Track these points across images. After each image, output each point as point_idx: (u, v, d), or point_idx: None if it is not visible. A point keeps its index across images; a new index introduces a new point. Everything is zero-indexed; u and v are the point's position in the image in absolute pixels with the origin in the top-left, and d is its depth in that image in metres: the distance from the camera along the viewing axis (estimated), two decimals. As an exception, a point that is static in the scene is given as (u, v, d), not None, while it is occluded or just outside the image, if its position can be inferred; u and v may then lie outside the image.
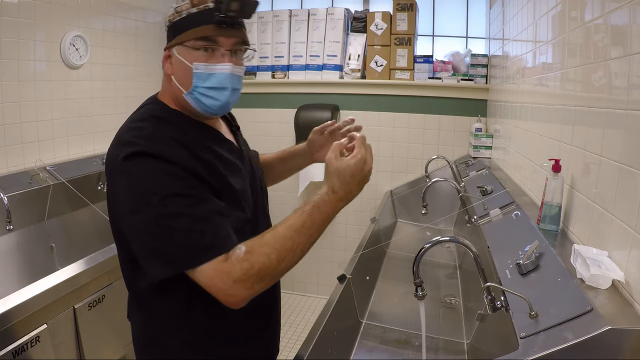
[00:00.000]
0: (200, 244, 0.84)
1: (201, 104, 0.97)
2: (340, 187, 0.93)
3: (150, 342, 1.05)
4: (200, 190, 0.89)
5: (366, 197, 3.30)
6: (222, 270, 0.83)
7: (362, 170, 0.94)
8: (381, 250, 2.30)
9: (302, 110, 3.20)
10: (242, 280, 0.83)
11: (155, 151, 0.87)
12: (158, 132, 0.92)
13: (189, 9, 0.94)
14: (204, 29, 0.93)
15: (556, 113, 1.48)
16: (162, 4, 3.18)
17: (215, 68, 0.95)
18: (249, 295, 0.86)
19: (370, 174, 0.97)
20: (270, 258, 0.85)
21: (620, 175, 0.98)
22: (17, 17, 2.15)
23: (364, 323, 1.70)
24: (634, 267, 0.89)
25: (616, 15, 1.03)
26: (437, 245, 1.26)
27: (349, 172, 0.93)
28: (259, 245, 0.87)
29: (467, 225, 1.99)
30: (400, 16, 3.04)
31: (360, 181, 0.95)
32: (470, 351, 1.50)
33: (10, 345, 1.43)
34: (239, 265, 0.83)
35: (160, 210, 0.84)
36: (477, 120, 2.94)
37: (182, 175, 0.87)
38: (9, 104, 2.17)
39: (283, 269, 0.88)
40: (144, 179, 0.86)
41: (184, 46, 0.94)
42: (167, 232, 0.84)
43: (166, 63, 0.99)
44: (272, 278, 0.88)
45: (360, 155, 0.94)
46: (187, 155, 0.90)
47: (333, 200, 0.92)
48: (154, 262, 0.87)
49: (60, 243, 2.26)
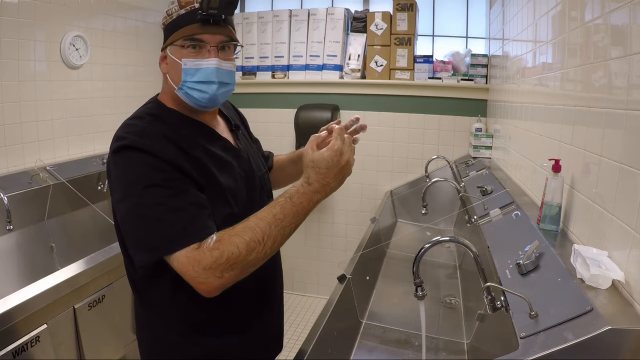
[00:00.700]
0: (174, 232, 0.88)
1: (191, 98, 1.03)
2: (316, 179, 0.94)
3: (145, 327, 1.11)
4: (181, 183, 0.93)
5: (366, 197, 3.30)
6: (194, 258, 0.87)
7: (337, 162, 0.94)
8: (381, 250, 2.30)
9: (302, 110, 3.20)
10: (212, 268, 0.87)
11: (140, 145, 0.92)
12: (149, 128, 0.97)
13: (178, 11, 1.00)
14: (190, 28, 0.99)
15: (556, 113, 1.48)
16: (162, 4, 3.16)
17: (202, 63, 1.01)
18: (221, 283, 0.88)
19: (349, 167, 0.96)
20: (240, 248, 0.88)
21: (620, 175, 0.98)
22: (17, 17, 2.15)
23: (364, 323, 1.70)
24: (634, 267, 0.89)
25: (616, 15, 1.03)
26: (437, 245, 1.25)
27: (324, 164, 0.93)
28: (229, 235, 0.90)
29: (467, 225, 1.99)
30: (400, 16, 3.04)
31: (337, 173, 0.95)
32: (470, 351, 1.50)
33: (10, 345, 1.43)
34: (209, 253, 0.87)
35: (140, 200, 0.90)
36: (477, 120, 2.94)
37: (164, 168, 0.92)
38: (9, 104, 2.17)
39: (253, 259, 0.89)
40: (128, 171, 0.93)
41: (174, 46, 1.01)
42: (145, 221, 0.90)
43: (162, 63, 1.06)
44: (242, 268, 0.89)
45: (336, 147, 0.94)
46: (174, 151, 0.95)
47: (308, 192, 0.93)
48: (137, 249, 0.92)
49: (60, 243, 2.26)
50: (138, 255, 0.92)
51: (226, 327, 1.09)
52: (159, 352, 1.09)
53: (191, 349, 1.06)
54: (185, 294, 1.00)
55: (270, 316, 1.22)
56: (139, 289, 1.08)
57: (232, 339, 1.10)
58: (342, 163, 0.95)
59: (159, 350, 1.09)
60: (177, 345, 1.06)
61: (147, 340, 1.13)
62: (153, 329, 1.10)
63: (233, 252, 0.87)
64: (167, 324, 1.06)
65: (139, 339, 1.16)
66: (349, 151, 0.96)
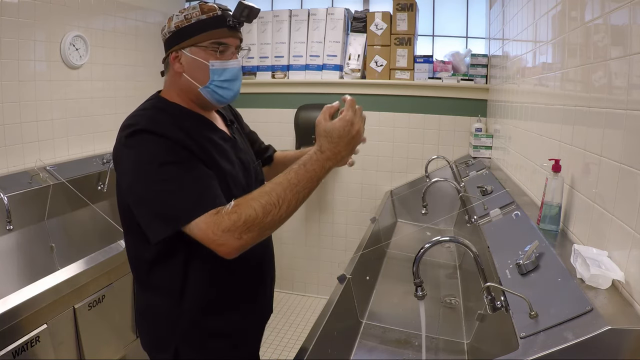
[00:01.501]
0: (192, 201, 0.96)
1: (216, 95, 1.13)
2: (328, 147, 1.00)
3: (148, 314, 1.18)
4: (191, 160, 1.02)
5: (366, 197, 3.30)
6: (213, 222, 0.94)
7: (349, 131, 1.00)
8: (381, 250, 2.30)
9: (302, 110, 3.20)
10: (231, 231, 0.93)
11: (153, 128, 1.01)
12: (157, 116, 1.06)
13: (199, 16, 1.09)
14: (218, 32, 1.10)
15: (556, 113, 1.49)
16: (162, 4, 3.18)
17: (229, 64, 1.13)
18: (240, 244, 0.95)
19: (359, 136, 1.02)
20: (257, 211, 0.94)
21: (620, 175, 0.98)
22: (17, 17, 2.15)
23: (364, 323, 1.70)
24: (634, 267, 0.89)
25: (616, 15, 1.03)
26: (437, 245, 1.26)
27: (336, 133, 0.99)
28: (247, 199, 0.97)
29: (467, 225, 1.99)
30: (400, 16, 3.04)
31: (348, 143, 1.01)
32: (470, 351, 1.50)
33: (10, 345, 1.43)
34: (227, 217, 0.94)
35: (156, 177, 0.98)
36: (477, 120, 2.94)
37: (175, 148, 1.01)
38: (9, 104, 2.17)
39: (269, 222, 0.96)
40: (143, 152, 1.00)
41: (198, 47, 1.10)
42: (164, 195, 0.97)
43: (176, 63, 1.12)
44: (260, 230, 0.95)
45: (348, 117, 1.00)
46: (183, 135, 1.03)
47: (320, 160, 1.00)
48: (155, 223, 0.98)
49: (60, 243, 2.26)
50: (157, 229, 0.98)
51: (231, 303, 1.18)
52: (164, 341, 1.15)
53: (196, 328, 1.13)
54: (198, 273, 1.10)
55: (264, 289, 1.31)
56: (147, 276, 1.13)
57: (233, 315, 1.19)
58: (352, 133, 1.00)
59: (165, 337, 1.15)
60: (182, 325, 1.12)
61: (153, 329, 1.18)
62: (161, 316, 1.15)
63: (250, 214, 0.94)
64: (175, 305, 1.12)
65: (140, 327, 1.22)
66: (359, 122, 1.02)
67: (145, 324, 1.20)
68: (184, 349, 1.13)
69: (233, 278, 1.17)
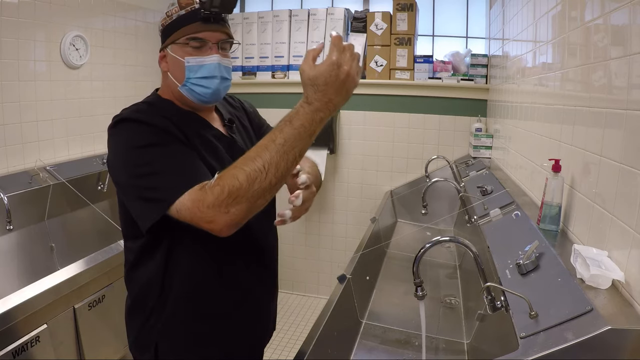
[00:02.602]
0: (174, 180, 0.91)
1: (194, 94, 1.07)
2: (315, 97, 0.88)
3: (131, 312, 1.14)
4: (175, 143, 0.97)
5: (366, 197, 3.30)
6: (197, 199, 0.88)
7: (337, 76, 0.86)
8: (381, 250, 2.30)
9: (302, 110, 3.20)
10: (216, 205, 0.86)
11: (136, 116, 0.99)
12: (143, 107, 1.05)
13: (178, 12, 1.05)
14: (192, 27, 1.04)
15: (556, 113, 1.48)
16: (162, 4, 3.17)
17: (205, 60, 1.05)
18: (230, 219, 0.87)
19: (351, 79, 0.88)
20: (240, 180, 0.86)
21: (620, 175, 0.98)
22: (17, 17, 2.15)
23: (364, 323, 1.70)
24: (634, 267, 0.89)
25: (616, 15, 1.03)
26: (437, 245, 1.26)
27: (321, 80, 0.86)
28: (229, 169, 0.89)
29: (467, 225, 1.99)
30: (400, 16, 3.04)
31: (338, 88, 0.87)
32: (470, 351, 1.50)
33: (10, 345, 1.43)
34: (210, 191, 0.87)
35: (138, 160, 0.95)
36: (477, 120, 2.93)
37: (154, 131, 0.97)
38: (9, 104, 2.17)
39: (257, 189, 0.86)
40: (126, 138, 0.98)
41: (176, 44, 1.06)
42: (146, 178, 0.93)
43: (162, 62, 1.10)
44: (248, 200, 0.86)
45: (333, 59, 0.86)
46: (168, 123, 0.99)
47: (308, 112, 0.88)
48: (144, 209, 0.94)
49: (60, 243, 2.26)
50: (146, 215, 0.93)
51: (219, 309, 1.12)
52: (145, 339, 1.11)
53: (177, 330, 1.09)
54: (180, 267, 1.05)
55: (262, 300, 1.22)
56: (135, 270, 1.10)
57: (220, 323, 1.13)
58: (341, 77, 0.87)
59: (145, 334, 1.11)
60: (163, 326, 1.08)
61: (134, 326, 1.14)
62: (141, 312, 1.11)
63: (234, 184, 0.86)
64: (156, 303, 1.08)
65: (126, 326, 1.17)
66: (349, 61, 0.88)
67: (130, 322, 1.16)
68: (163, 350, 1.09)
69: (221, 281, 1.10)
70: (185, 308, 1.09)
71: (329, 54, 0.88)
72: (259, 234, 1.16)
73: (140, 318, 1.12)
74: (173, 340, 1.10)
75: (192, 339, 1.11)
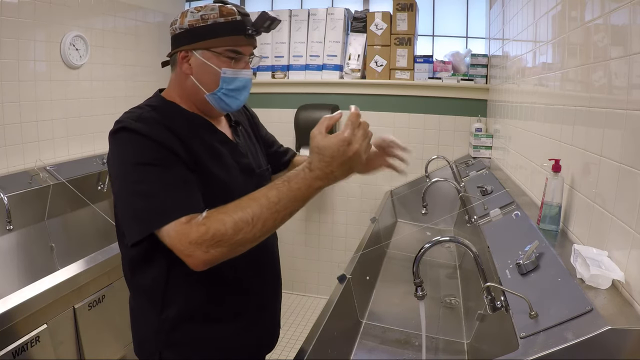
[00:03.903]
0: (163, 206, 0.90)
1: (222, 103, 1.08)
2: (319, 166, 0.87)
3: (134, 316, 1.14)
4: (170, 161, 0.95)
5: (366, 197, 3.30)
6: (182, 232, 0.87)
7: (344, 152, 0.86)
8: (381, 250, 2.30)
9: (302, 110, 3.20)
10: (198, 243, 0.86)
11: (134, 127, 0.96)
12: (146, 114, 1.00)
13: (216, 18, 1.03)
14: (235, 39, 1.04)
15: (556, 113, 1.48)
16: (162, 4, 3.18)
17: (241, 74, 1.08)
18: (207, 259, 0.87)
19: (357, 157, 0.88)
20: (227, 226, 0.86)
21: (620, 175, 0.98)
22: (17, 17, 2.15)
23: (364, 323, 1.70)
24: (634, 267, 0.89)
25: (616, 15, 1.03)
26: (437, 245, 1.26)
27: (328, 152, 0.86)
28: (219, 212, 0.88)
29: (467, 225, 1.99)
30: (400, 16, 3.04)
31: (342, 163, 0.87)
32: (470, 351, 1.50)
33: (10, 345, 1.43)
34: (196, 228, 0.87)
35: (131, 177, 0.93)
36: (477, 120, 2.93)
37: (155, 147, 0.94)
38: (9, 104, 2.17)
39: (240, 239, 0.86)
40: (121, 151, 0.97)
41: (211, 52, 1.04)
42: (137, 197, 0.92)
43: (184, 63, 1.06)
44: (230, 246, 0.87)
45: (345, 135, 0.87)
46: (167, 135, 0.97)
47: (308, 178, 0.88)
48: (130, 225, 0.94)
49: (60, 243, 2.26)
50: (131, 232, 0.93)
51: (220, 316, 1.11)
52: (148, 346, 1.11)
53: (181, 337, 1.08)
54: (180, 279, 1.04)
55: (265, 308, 1.21)
56: (133, 275, 1.10)
57: (224, 329, 1.11)
58: (348, 154, 0.87)
59: (149, 341, 1.10)
60: (165, 331, 1.07)
61: (139, 331, 1.14)
62: (144, 318, 1.11)
63: (219, 229, 0.86)
64: (158, 310, 1.07)
65: (131, 328, 1.17)
66: (360, 141, 0.88)
67: (134, 325, 1.16)
68: (167, 356, 1.08)
69: (223, 289, 1.09)
70: (188, 316, 1.08)
71: (343, 128, 0.88)
72: None
73: (143, 324, 1.12)
74: (177, 348, 1.08)
75: (196, 345, 1.09)
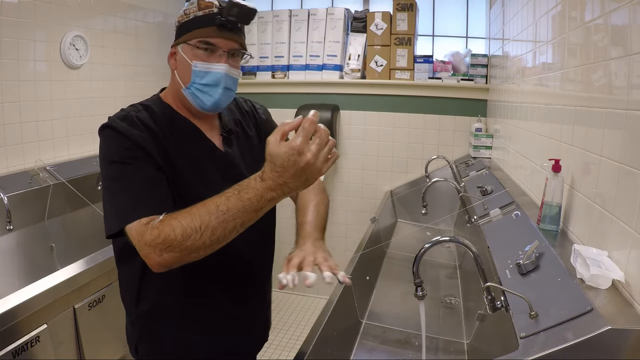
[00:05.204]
0: (128, 206, 0.92)
1: (197, 99, 1.06)
2: (270, 175, 0.82)
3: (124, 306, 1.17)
4: (141, 161, 0.96)
5: (366, 197, 3.30)
6: (140, 232, 0.89)
7: (295, 162, 0.80)
8: (381, 250, 2.30)
9: (302, 111, 3.20)
10: (151, 246, 0.87)
11: (115, 125, 0.98)
12: (133, 114, 1.02)
13: (195, 12, 1.03)
14: (206, 30, 1.02)
15: (556, 113, 1.49)
16: (162, 4, 3.18)
17: (212, 67, 1.04)
18: (162, 261, 0.88)
19: (313, 169, 0.82)
20: (175, 232, 0.86)
21: (620, 175, 0.98)
22: (17, 17, 2.15)
23: (364, 323, 1.70)
24: (634, 267, 0.89)
25: (616, 15, 1.03)
26: (437, 245, 1.26)
27: (279, 162, 0.81)
28: (171, 217, 0.89)
29: (467, 225, 1.99)
30: (400, 16, 3.04)
31: (295, 174, 0.81)
32: (470, 351, 1.50)
33: (10, 345, 1.43)
34: (150, 231, 0.88)
35: (106, 173, 0.97)
36: (477, 120, 2.94)
37: (129, 147, 0.96)
38: (9, 104, 2.16)
39: (190, 246, 0.86)
40: (102, 147, 1.00)
41: (187, 45, 1.04)
42: (108, 193, 0.96)
43: (171, 59, 1.09)
44: (181, 251, 0.86)
45: (295, 144, 0.80)
46: (146, 136, 0.98)
47: (259, 188, 0.83)
48: (105, 219, 0.97)
49: (60, 243, 2.26)
50: (107, 225, 0.96)
51: (192, 316, 1.11)
52: (129, 336, 1.17)
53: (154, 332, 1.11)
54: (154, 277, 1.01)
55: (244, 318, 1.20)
56: (118, 266, 1.14)
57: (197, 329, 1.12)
58: (300, 164, 0.81)
59: (129, 332, 1.17)
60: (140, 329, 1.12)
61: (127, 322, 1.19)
62: (126, 310, 1.16)
63: (169, 234, 0.86)
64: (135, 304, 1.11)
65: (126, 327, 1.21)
66: (313, 151, 0.81)
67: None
68: (142, 350, 1.13)
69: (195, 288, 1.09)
70: (160, 312, 1.10)
71: (294, 136, 0.82)
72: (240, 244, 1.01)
73: (126, 315, 1.17)
74: (150, 342, 1.13)
75: (168, 341, 1.11)
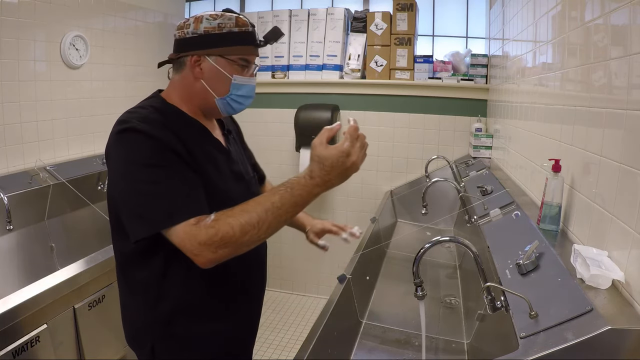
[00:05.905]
0: (174, 207, 0.95)
1: (229, 108, 1.15)
2: (319, 174, 0.95)
3: (127, 308, 1.18)
4: (177, 164, 1.00)
5: (366, 197, 3.30)
6: (191, 233, 0.93)
7: (343, 163, 0.95)
8: (381, 250, 2.30)
9: (302, 110, 3.20)
10: (207, 244, 0.92)
11: (142, 128, 0.99)
12: (151, 116, 1.04)
13: (231, 28, 1.09)
14: (247, 48, 1.12)
15: (556, 113, 1.49)
16: (162, 4, 3.18)
17: (250, 81, 1.15)
18: (215, 258, 0.94)
19: (354, 167, 0.97)
20: (234, 229, 0.93)
21: (620, 175, 0.98)
22: (17, 17, 2.15)
23: (364, 323, 1.70)
24: (634, 267, 0.89)
25: (616, 15, 1.03)
26: (437, 245, 1.26)
27: (329, 162, 0.94)
28: (227, 215, 0.95)
29: (467, 225, 1.99)
30: (400, 16, 3.04)
31: (341, 173, 0.96)
32: (470, 351, 1.50)
33: (10, 345, 1.43)
34: (205, 230, 0.93)
35: (142, 177, 0.97)
36: (477, 120, 2.94)
37: (162, 150, 0.99)
38: (9, 104, 2.17)
39: (247, 241, 0.94)
40: (131, 151, 0.99)
41: (225, 59, 1.09)
42: (146, 197, 0.96)
43: (195, 67, 1.10)
44: (236, 247, 0.94)
45: (344, 147, 0.95)
46: (173, 138, 1.01)
47: (309, 185, 0.96)
48: (135, 223, 0.98)
49: (60, 243, 2.26)
50: (137, 229, 0.97)
51: (212, 313, 1.15)
52: (142, 338, 1.15)
53: (175, 331, 1.11)
54: (177, 276, 1.07)
55: (251, 306, 1.28)
56: (127, 269, 1.14)
57: (216, 326, 1.15)
58: (347, 164, 0.95)
59: (143, 332, 1.14)
60: (158, 325, 1.11)
61: (133, 323, 1.18)
62: (138, 311, 1.14)
63: (228, 232, 0.92)
64: (152, 305, 1.10)
65: (122, 318, 1.21)
66: (357, 152, 0.96)
67: (126, 316, 1.19)
68: (160, 350, 1.12)
69: (218, 284, 1.14)
70: (183, 310, 1.11)
71: (342, 141, 0.95)
72: None
73: (137, 317, 1.15)
74: (169, 340, 1.12)
75: (188, 339, 1.13)
